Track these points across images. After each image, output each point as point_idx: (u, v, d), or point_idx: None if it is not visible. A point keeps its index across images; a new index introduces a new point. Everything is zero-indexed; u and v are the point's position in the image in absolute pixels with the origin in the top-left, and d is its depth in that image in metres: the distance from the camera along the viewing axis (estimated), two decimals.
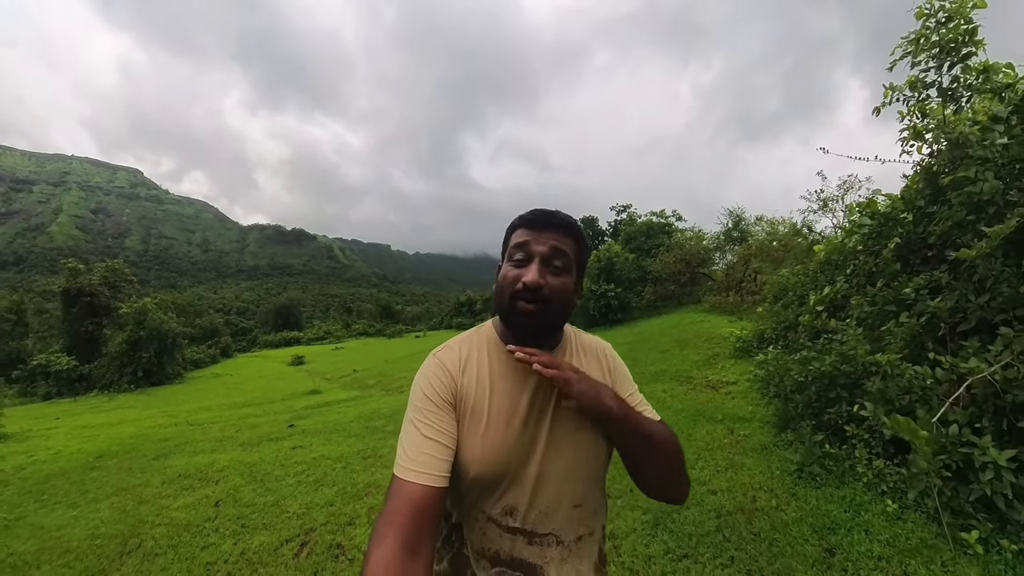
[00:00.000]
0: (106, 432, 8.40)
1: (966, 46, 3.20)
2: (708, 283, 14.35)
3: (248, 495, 4.07)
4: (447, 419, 0.91)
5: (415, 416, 0.90)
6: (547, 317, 0.93)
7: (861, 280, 3.82)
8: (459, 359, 0.98)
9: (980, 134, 2.96)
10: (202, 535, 3.39)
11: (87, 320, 22.09)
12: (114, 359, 20.06)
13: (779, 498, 2.76)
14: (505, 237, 1.02)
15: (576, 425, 0.96)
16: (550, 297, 0.91)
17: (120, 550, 3.28)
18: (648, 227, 19.23)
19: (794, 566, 2.19)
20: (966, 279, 2.93)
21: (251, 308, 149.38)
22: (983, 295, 2.74)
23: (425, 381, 0.95)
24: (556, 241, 0.94)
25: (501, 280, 0.96)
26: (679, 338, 8.81)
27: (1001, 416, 2.33)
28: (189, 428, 8.08)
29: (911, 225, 3.56)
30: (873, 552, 2.15)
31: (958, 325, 2.81)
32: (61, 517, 4.01)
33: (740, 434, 3.81)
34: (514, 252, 0.96)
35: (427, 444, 0.86)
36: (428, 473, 0.82)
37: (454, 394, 0.94)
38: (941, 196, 3.40)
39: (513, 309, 0.93)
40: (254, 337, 51.28)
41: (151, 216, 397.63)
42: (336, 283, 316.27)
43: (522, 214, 1.00)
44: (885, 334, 3.02)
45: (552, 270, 0.93)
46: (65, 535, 3.61)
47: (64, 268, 22.88)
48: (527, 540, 0.94)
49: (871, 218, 4.17)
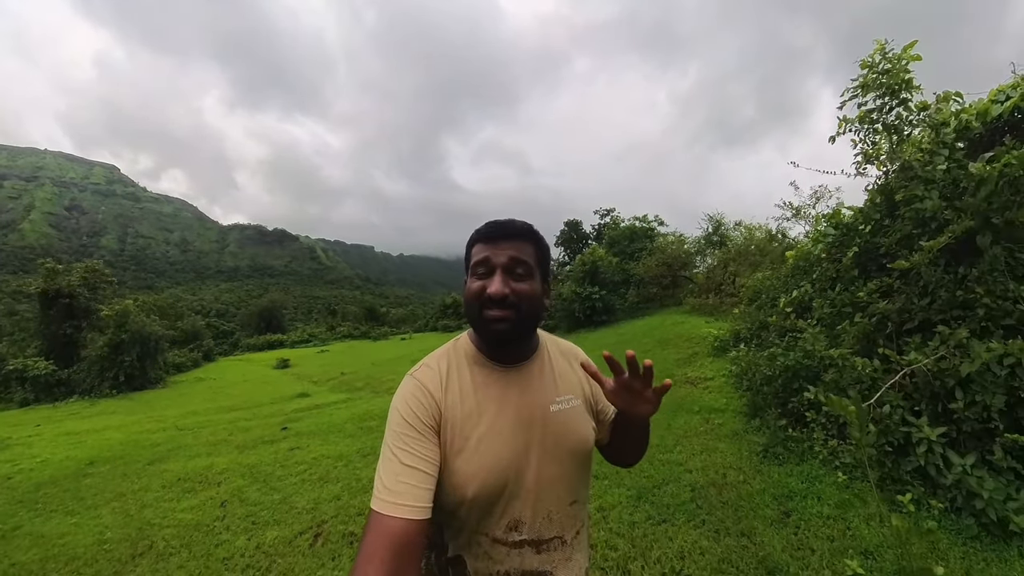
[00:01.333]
0: (93, 438, 8.31)
1: (904, 91, 3.73)
2: (689, 286, 14.81)
3: (253, 495, 4.17)
4: (428, 444, 0.88)
5: (393, 442, 0.87)
6: (518, 322, 0.94)
7: (824, 284, 4.19)
8: (440, 377, 0.97)
9: (924, 158, 3.34)
10: (213, 533, 3.45)
11: (65, 323, 21.46)
12: (94, 363, 19.56)
13: (746, 474, 3.16)
14: (466, 252, 1.02)
15: (566, 429, 0.99)
16: (517, 303, 0.92)
17: (131, 553, 3.30)
18: (631, 231, 19.71)
19: (755, 526, 2.58)
20: (913, 284, 3.30)
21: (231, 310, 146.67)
22: (926, 298, 3.11)
23: (404, 404, 0.92)
24: (514, 251, 0.95)
25: (467, 294, 0.97)
26: (661, 338, 9.19)
27: (937, 401, 2.68)
28: (179, 433, 8.03)
29: (868, 236, 3.94)
30: (823, 513, 2.56)
31: (904, 324, 3.18)
32: (61, 525, 3.95)
33: (715, 423, 4.17)
34: (476, 267, 0.96)
35: (406, 472, 0.83)
36: (408, 505, 0.80)
37: (436, 417, 0.91)
38: (895, 211, 3.79)
39: (483, 317, 0.93)
40: (236, 340, 50.50)
41: (128, 214, 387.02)
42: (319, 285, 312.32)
43: (478, 228, 1.01)
44: (841, 332, 3.38)
45: (515, 278, 0.94)
46: (69, 542, 3.57)
47: (41, 268, 22.22)
48: (535, 549, 0.95)
49: (835, 228, 4.55)
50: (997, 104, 3.72)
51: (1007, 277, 2.88)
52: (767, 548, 2.38)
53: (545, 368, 1.04)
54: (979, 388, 2.50)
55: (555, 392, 1.01)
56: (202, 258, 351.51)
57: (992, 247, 2.95)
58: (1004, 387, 2.47)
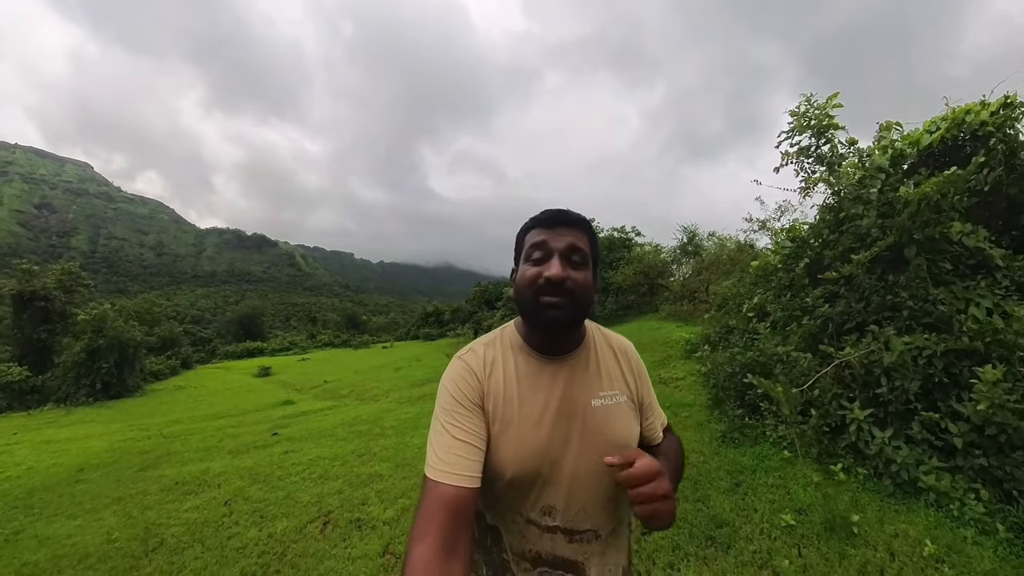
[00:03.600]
0: (76, 446, 8.23)
1: (830, 131, 4.40)
2: (665, 293, 15.37)
3: (256, 493, 4.31)
4: (476, 420, 0.92)
5: (444, 418, 0.91)
6: (573, 310, 0.94)
7: (779, 291, 4.66)
8: (483, 362, 0.99)
9: (858, 184, 3.86)
10: (223, 528, 3.58)
11: (40, 327, 20.89)
12: (70, 370, 19.05)
13: (706, 456, 3.62)
14: (519, 239, 1.03)
15: (607, 426, 0.98)
16: (574, 290, 0.92)
17: (143, 549, 3.40)
18: (610, 241, 20.31)
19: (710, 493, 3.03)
20: (853, 291, 3.78)
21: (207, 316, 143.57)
22: (862, 303, 3.58)
23: (452, 383, 0.96)
24: (572, 237, 0.96)
25: (522, 279, 0.97)
26: (637, 343, 9.54)
27: (868, 388, 3.15)
28: (166, 440, 8.02)
29: (818, 249, 4.43)
30: (767, 483, 3.03)
31: (844, 325, 3.64)
32: (64, 527, 4.01)
33: (682, 416, 4.61)
34: (532, 251, 0.96)
35: (457, 445, 0.87)
36: (460, 474, 0.84)
37: (481, 396, 0.95)
38: (840, 227, 4.30)
39: (538, 303, 0.93)
40: (214, 347, 49.62)
41: (100, 214, 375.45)
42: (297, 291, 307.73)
43: (534, 216, 1.02)
44: (790, 333, 3.84)
45: (572, 265, 0.94)
46: (77, 542, 3.63)
47: (16, 269, 21.63)
48: (568, 538, 0.96)
49: (791, 241, 5.04)
50: (928, 134, 4.29)
51: (928, 283, 3.36)
52: (718, 509, 2.83)
53: (591, 361, 1.04)
54: (899, 376, 2.97)
55: (599, 386, 1.01)
56: (178, 262, 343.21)
57: (916, 258, 3.44)
58: (921, 374, 2.95)
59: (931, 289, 3.27)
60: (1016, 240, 3.91)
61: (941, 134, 4.14)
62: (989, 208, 3.97)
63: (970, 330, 2.98)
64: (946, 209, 3.51)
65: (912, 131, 4.53)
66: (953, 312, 3.12)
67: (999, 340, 2.87)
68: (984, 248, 3.47)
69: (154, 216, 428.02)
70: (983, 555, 2.20)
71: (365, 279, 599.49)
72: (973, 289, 3.30)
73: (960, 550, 2.24)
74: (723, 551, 2.52)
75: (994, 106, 4.13)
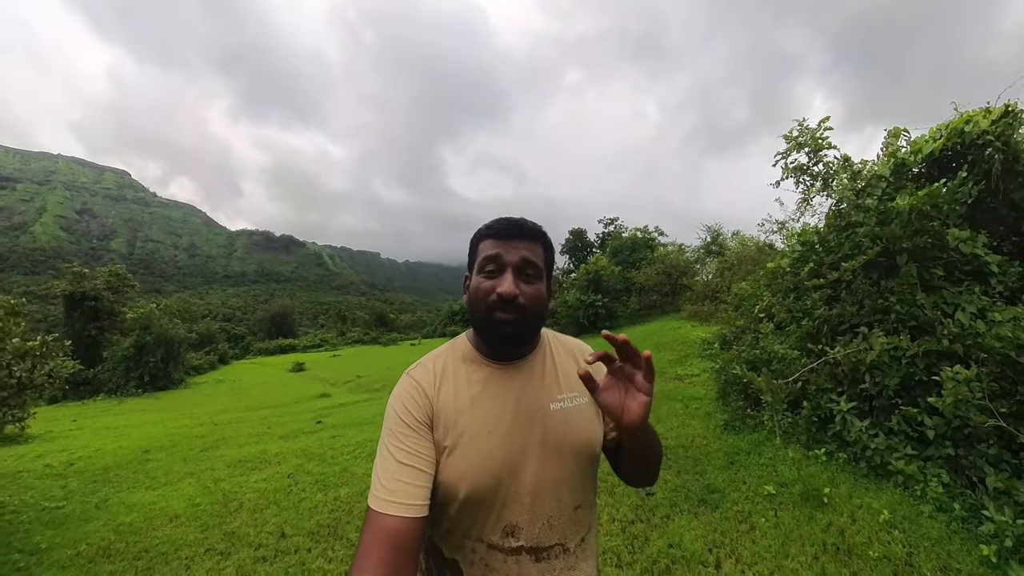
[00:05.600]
0: (136, 432, 9.01)
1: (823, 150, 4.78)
2: (687, 293, 15.59)
3: (315, 468, 4.87)
4: (423, 442, 0.88)
5: (389, 440, 0.88)
6: (525, 325, 0.93)
7: (785, 293, 5.02)
8: (434, 375, 0.96)
9: (855, 195, 4.21)
10: (292, 494, 4.12)
11: (90, 324, 22.31)
12: (119, 363, 20.46)
13: (708, 440, 4.10)
14: (472, 247, 1.01)
15: (569, 428, 0.95)
16: (526, 306, 0.91)
17: (225, 510, 3.87)
18: (633, 241, 20.63)
19: (707, 468, 3.53)
20: (852, 294, 4.13)
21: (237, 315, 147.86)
22: (855, 306, 3.94)
23: (399, 402, 0.92)
24: (526, 251, 0.94)
25: (474, 293, 0.94)
26: (658, 342, 10.02)
27: (855, 383, 3.53)
28: (217, 427, 8.65)
29: (822, 253, 4.77)
30: (759, 463, 3.49)
31: (839, 326, 4.01)
32: (147, 496, 4.46)
33: (692, 407, 5.05)
34: (484, 264, 0.94)
35: (402, 470, 0.84)
36: (403, 503, 0.80)
37: (430, 414, 0.91)
38: (843, 233, 4.63)
39: (491, 319, 0.92)
40: (247, 344, 51.60)
41: (137, 219, 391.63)
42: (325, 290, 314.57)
43: (487, 223, 0.99)
44: (790, 333, 4.22)
45: (524, 279, 0.92)
46: (164, 507, 4.08)
47: (68, 272, 23.10)
48: (534, 558, 0.91)
49: (801, 245, 5.38)
50: (933, 140, 4.55)
51: (916, 289, 3.70)
52: (712, 480, 3.33)
53: (547, 364, 1.02)
54: (881, 373, 3.34)
55: (557, 389, 0.99)
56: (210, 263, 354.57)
57: (906, 265, 3.77)
58: (901, 373, 3.31)
59: (917, 294, 3.61)
60: (1017, 245, 4.16)
61: (942, 143, 4.40)
62: (992, 214, 4.22)
63: (951, 333, 3.31)
64: (938, 218, 3.82)
65: (918, 138, 4.81)
66: (937, 316, 3.46)
67: (979, 343, 3.20)
68: (980, 254, 3.75)
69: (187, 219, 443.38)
70: (934, 526, 2.59)
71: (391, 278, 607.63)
72: (961, 295, 3.61)
73: (913, 520, 2.64)
74: (712, 509, 3.05)
75: (995, 114, 4.34)
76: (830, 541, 2.55)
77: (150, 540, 3.46)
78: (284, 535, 3.37)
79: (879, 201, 4.17)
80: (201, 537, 3.44)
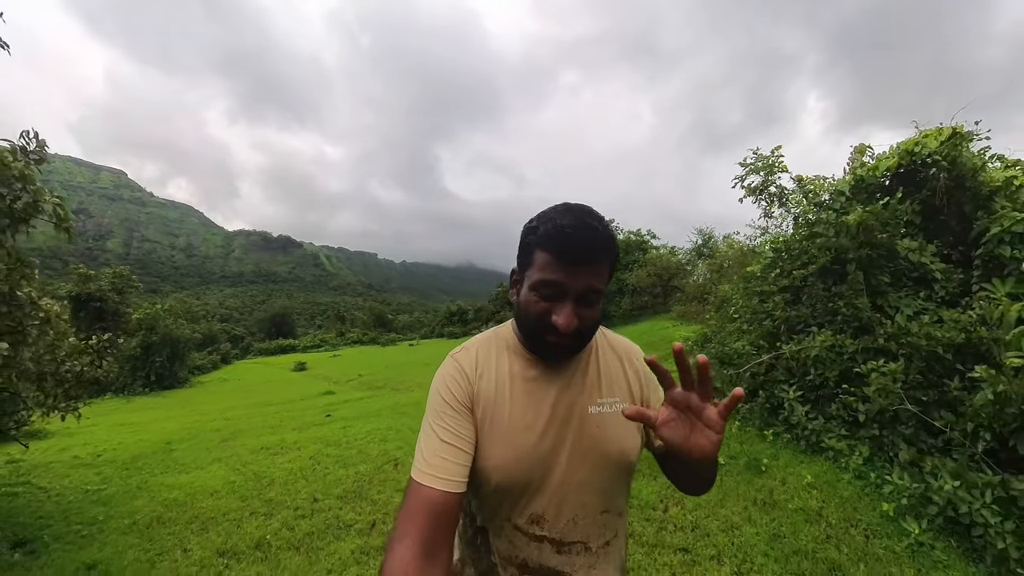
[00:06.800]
0: (151, 427, 9.38)
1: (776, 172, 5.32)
2: (678, 295, 16.17)
3: (333, 452, 5.38)
4: (464, 423, 0.90)
5: (433, 419, 0.90)
6: (578, 348, 0.92)
7: (754, 295, 5.60)
8: (476, 361, 0.97)
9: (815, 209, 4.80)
10: (317, 471, 4.63)
11: (95, 324, 22.74)
12: (126, 363, 20.84)
13: None
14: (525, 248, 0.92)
15: (603, 435, 0.94)
16: (582, 331, 0.88)
17: (259, 486, 4.34)
18: (626, 244, 21.26)
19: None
20: (811, 298, 4.71)
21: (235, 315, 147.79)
22: (809, 308, 4.52)
23: (442, 383, 0.94)
24: (591, 278, 0.85)
25: (527, 310, 0.89)
26: (648, 341, 10.62)
27: (803, 376, 4.11)
28: (230, 422, 8.96)
29: (787, 261, 5.35)
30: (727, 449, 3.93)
31: (796, 326, 4.58)
32: (182, 478, 4.82)
33: None
34: (541, 285, 0.86)
35: (444, 448, 0.86)
36: (444, 478, 0.82)
37: (471, 397, 0.92)
38: (807, 242, 5.20)
39: (541, 341, 0.90)
40: (247, 344, 52.02)
41: (134, 219, 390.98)
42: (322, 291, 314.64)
43: (551, 232, 0.85)
44: (751, 331, 4.80)
45: (585, 304, 0.87)
46: (201, 486, 4.46)
47: (73, 273, 23.51)
48: (555, 548, 0.93)
49: (773, 251, 5.95)
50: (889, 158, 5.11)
51: (861, 294, 4.28)
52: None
53: (591, 366, 1.00)
54: (824, 366, 3.93)
55: (597, 393, 0.97)
56: (207, 263, 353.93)
57: (854, 272, 4.35)
58: (840, 366, 3.90)
59: (859, 299, 4.19)
60: (963, 254, 4.69)
61: (896, 162, 4.97)
62: (943, 226, 4.74)
63: (887, 332, 3.89)
64: (886, 231, 4.38)
65: (880, 155, 5.39)
66: (876, 318, 4.05)
67: (909, 341, 3.76)
68: (926, 263, 4.30)
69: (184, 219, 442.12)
70: (848, 489, 3.19)
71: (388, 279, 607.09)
72: (903, 299, 4.18)
73: (832, 484, 3.26)
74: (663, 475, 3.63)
75: (944, 135, 4.88)
76: (760, 497, 3.16)
77: (197, 510, 3.98)
78: (316, 500, 3.94)
79: (836, 214, 4.75)
80: (242, 505, 3.99)
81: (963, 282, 4.28)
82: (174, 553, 3.24)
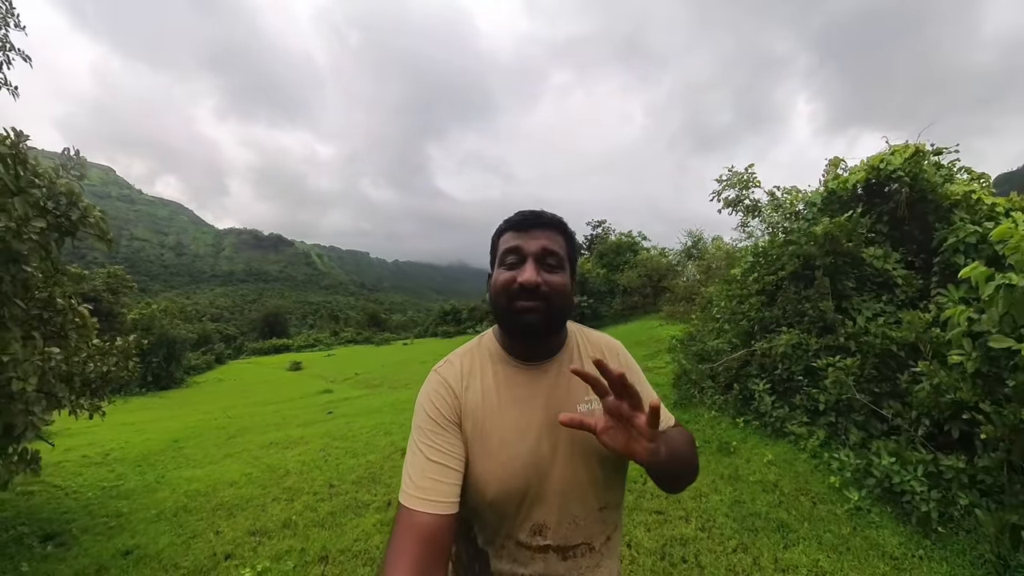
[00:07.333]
0: (155, 426, 9.43)
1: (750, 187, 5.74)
2: (667, 295, 16.65)
3: (341, 444, 5.71)
4: (453, 440, 0.89)
5: (419, 438, 0.88)
6: (549, 315, 0.90)
7: (732, 297, 6.05)
8: (461, 373, 0.96)
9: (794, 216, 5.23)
10: (328, 462, 4.92)
11: None
12: None
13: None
14: (493, 243, 1.00)
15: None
16: (549, 294, 0.89)
17: (275, 475, 4.60)
18: (618, 245, 21.78)
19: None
20: (786, 300, 5.14)
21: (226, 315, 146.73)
22: (780, 310, 4.96)
23: (427, 400, 0.93)
24: (546, 240, 0.93)
25: (496, 285, 0.93)
26: (637, 340, 11.09)
27: (773, 370, 4.55)
28: (233, 420, 9.18)
29: (763, 266, 5.79)
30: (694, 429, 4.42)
31: (769, 326, 5.02)
32: (197, 472, 4.98)
33: None
34: (506, 256, 0.93)
35: (432, 468, 0.84)
36: (434, 500, 0.80)
37: (458, 412, 0.91)
38: (782, 249, 5.64)
39: (513, 309, 0.90)
40: (240, 344, 51.93)
41: (123, 216, 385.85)
42: (313, 290, 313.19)
43: (508, 218, 0.98)
44: (728, 331, 5.24)
45: (546, 268, 0.91)
46: (219, 477, 4.66)
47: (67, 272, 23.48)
48: (561, 556, 0.92)
49: (753, 256, 6.39)
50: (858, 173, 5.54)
51: (825, 297, 4.72)
52: None
53: (575, 363, 1.00)
54: (790, 362, 4.38)
55: (584, 390, 0.96)
56: (197, 262, 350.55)
57: (821, 278, 4.78)
58: (804, 362, 4.34)
59: (824, 302, 4.64)
60: (925, 261, 5.12)
61: (864, 177, 5.40)
62: (908, 235, 5.16)
63: (847, 332, 4.33)
64: (851, 240, 4.81)
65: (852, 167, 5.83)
66: (837, 319, 4.49)
67: (866, 340, 4.20)
68: (889, 269, 4.73)
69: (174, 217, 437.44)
70: (803, 466, 3.66)
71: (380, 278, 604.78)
72: (864, 302, 4.62)
73: (790, 462, 3.73)
74: None
75: (908, 152, 5.32)
76: (727, 472, 3.65)
77: (220, 499, 4.29)
78: (332, 485, 4.31)
79: (808, 223, 5.20)
80: (263, 492, 4.33)
81: (924, 287, 4.71)
82: (207, 535, 3.56)
